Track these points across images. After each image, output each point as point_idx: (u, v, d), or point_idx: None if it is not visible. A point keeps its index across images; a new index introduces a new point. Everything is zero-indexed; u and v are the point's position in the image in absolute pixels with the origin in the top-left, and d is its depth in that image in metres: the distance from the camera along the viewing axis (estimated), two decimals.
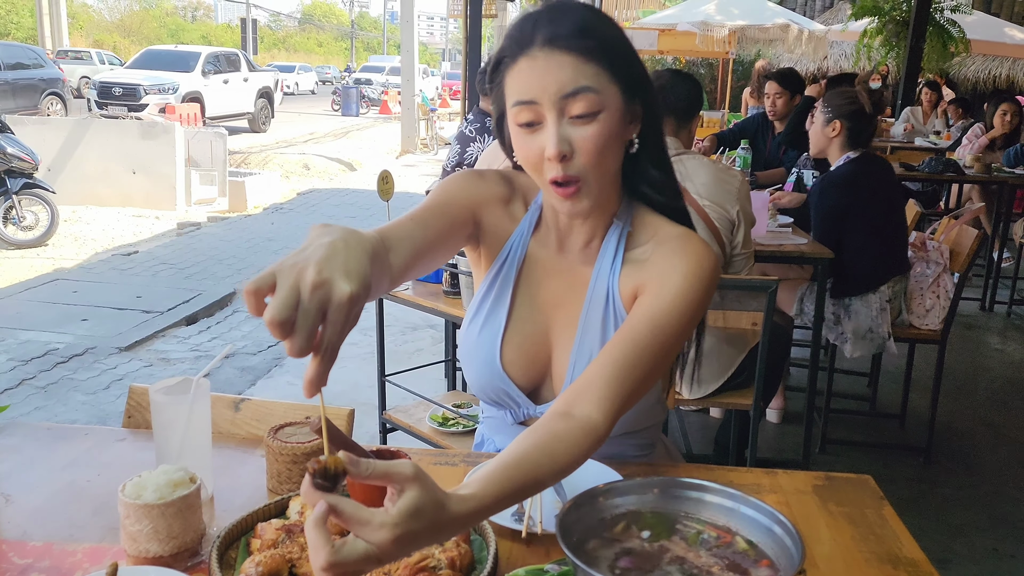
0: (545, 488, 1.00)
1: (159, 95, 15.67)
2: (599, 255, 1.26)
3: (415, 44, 16.50)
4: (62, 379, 4.19)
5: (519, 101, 1.13)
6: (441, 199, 1.24)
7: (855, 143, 3.29)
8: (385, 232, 1.08)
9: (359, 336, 4.84)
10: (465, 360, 1.34)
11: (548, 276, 1.30)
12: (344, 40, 70.04)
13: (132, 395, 1.48)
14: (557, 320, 1.29)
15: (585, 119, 1.11)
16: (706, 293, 1.18)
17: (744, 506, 0.99)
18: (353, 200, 10.17)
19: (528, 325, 1.30)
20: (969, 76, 12.11)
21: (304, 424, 1.25)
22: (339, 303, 0.79)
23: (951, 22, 7.69)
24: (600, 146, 1.12)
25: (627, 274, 1.24)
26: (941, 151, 6.87)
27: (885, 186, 3.33)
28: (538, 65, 1.12)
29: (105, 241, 7.50)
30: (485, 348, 1.30)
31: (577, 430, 1.03)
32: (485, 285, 1.32)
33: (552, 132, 1.11)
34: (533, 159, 1.15)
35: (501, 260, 1.31)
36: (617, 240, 1.25)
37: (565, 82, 1.10)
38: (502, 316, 1.30)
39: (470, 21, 6.72)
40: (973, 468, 3.43)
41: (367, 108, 25.39)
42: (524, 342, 1.30)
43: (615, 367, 1.09)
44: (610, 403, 1.07)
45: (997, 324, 5.47)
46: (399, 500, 0.79)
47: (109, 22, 55.47)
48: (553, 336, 1.30)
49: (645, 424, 1.37)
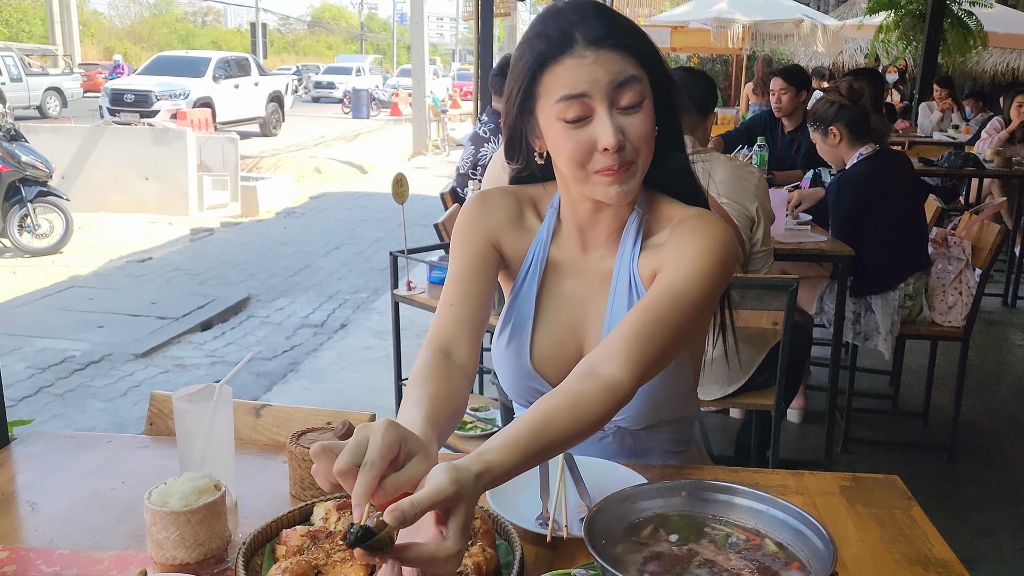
0: (567, 448, 1.03)
1: (170, 101, 15.77)
2: (620, 244, 1.29)
3: (425, 45, 16.51)
4: (80, 386, 4.21)
5: (567, 96, 1.15)
6: (465, 260, 1.30)
7: (861, 137, 3.27)
8: (437, 339, 1.22)
9: (374, 340, 4.85)
10: (498, 367, 1.39)
11: (571, 276, 1.33)
12: (354, 42, 70.24)
13: (153, 402, 1.48)
14: (585, 315, 1.32)
15: (633, 109, 1.16)
16: (722, 265, 1.20)
17: (773, 508, 0.98)
18: (365, 203, 10.19)
19: (556, 324, 1.33)
20: (987, 69, 12.00)
21: (326, 429, 1.25)
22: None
23: (968, 14, 7.62)
24: (648, 133, 1.18)
25: (646, 258, 1.27)
26: (960, 145, 6.81)
27: (903, 182, 3.30)
28: (587, 62, 1.15)
29: (119, 248, 7.55)
30: (515, 351, 1.34)
31: (601, 388, 1.06)
32: (511, 297, 1.36)
33: (607, 123, 1.14)
34: (581, 153, 1.17)
35: (524, 271, 1.34)
36: (636, 228, 1.28)
37: (616, 74, 1.15)
38: (529, 319, 1.33)
39: (482, 21, 6.72)
40: (998, 466, 3.40)
41: (378, 110, 25.46)
42: (553, 341, 1.33)
43: (635, 331, 1.12)
44: (633, 364, 1.09)
45: (1020, 320, 5.42)
46: (451, 523, 0.81)
47: (120, 29, 55.85)
48: (582, 331, 1.33)
49: (679, 414, 1.38)
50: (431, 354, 1.20)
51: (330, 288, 6.21)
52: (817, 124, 3.32)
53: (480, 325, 1.26)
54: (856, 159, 3.26)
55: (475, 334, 1.24)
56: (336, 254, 7.45)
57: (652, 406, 1.31)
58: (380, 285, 6.21)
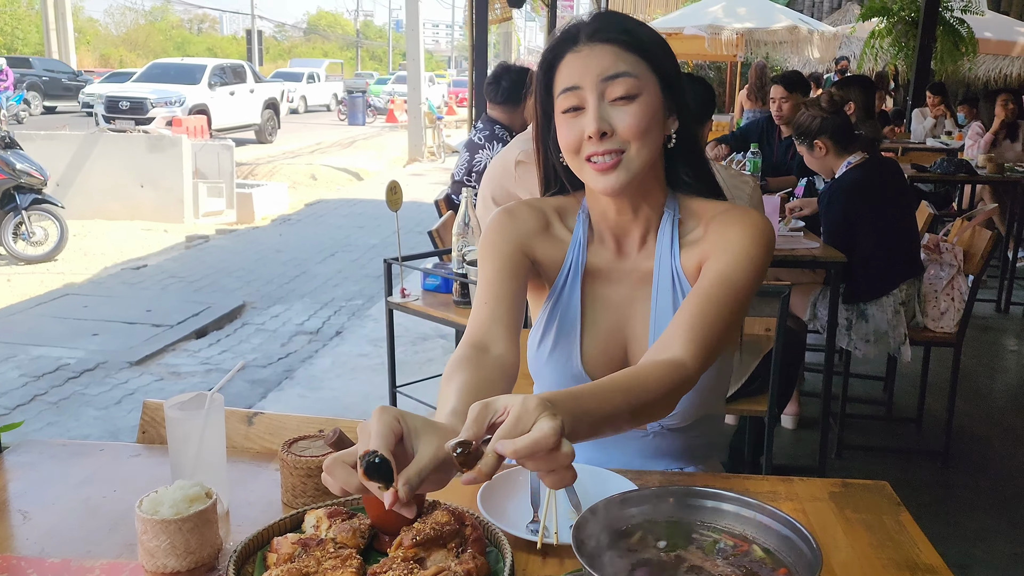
0: (624, 425, 1.05)
1: (166, 108, 15.77)
2: (657, 246, 1.32)
3: (420, 52, 16.55)
4: (74, 394, 4.20)
5: (563, 89, 1.23)
6: (496, 264, 1.31)
7: (847, 146, 3.30)
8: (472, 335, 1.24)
9: (369, 348, 4.85)
10: (541, 375, 1.40)
11: (612, 281, 1.36)
12: (350, 49, 70.29)
13: (146, 410, 1.48)
14: (628, 316, 1.35)
15: (625, 100, 1.20)
16: (765, 250, 1.26)
17: (761, 514, 0.99)
18: (361, 210, 10.20)
19: (601, 327, 1.36)
20: (980, 75, 12.07)
21: (318, 437, 1.25)
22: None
23: (960, 21, 7.66)
24: (640, 124, 1.20)
25: (687, 255, 1.31)
26: (953, 152, 6.84)
27: (894, 189, 3.31)
28: (582, 55, 1.23)
29: (114, 255, 7.54)
30: (563, 356, 1.35)
31: (665, 365, 1.11)
32: (550, 306, 1.36)
33: (592, 111, 1.20)
34: (574, 142, 1.23)
35: (562, 279, 1.35)
36: (671, 228, 1.32)
37: (606, 67, 1.21)
38: (575, 323, 1.35)
39: (476, 28, 6.74)
40: (991, 472, 3.41)
41: (373, 117, 25.46)
42: (600, 343, 1.35)
43: (692, 317, 1.17)
44: (695, 346, 1.14)
45: (1013, 325, 5.43)
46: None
47: (115, 36, 55.85)
48: (626, 332, 1.36)
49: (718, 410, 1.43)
50: (464, 349, 1.22)
51: (325, 295, 6.21)
52: (802, 139, 3.36)
53: (516, 322, 1.28)
54: (845, 167, 3.29)
55: (512, 330, 1.26)
56: (332, 261, 7.45)
57: (700, 398, 1.33)
58: (376, 292, 6.21)
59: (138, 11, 59.43)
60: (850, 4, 14.62)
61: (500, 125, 3.81)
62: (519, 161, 3.08)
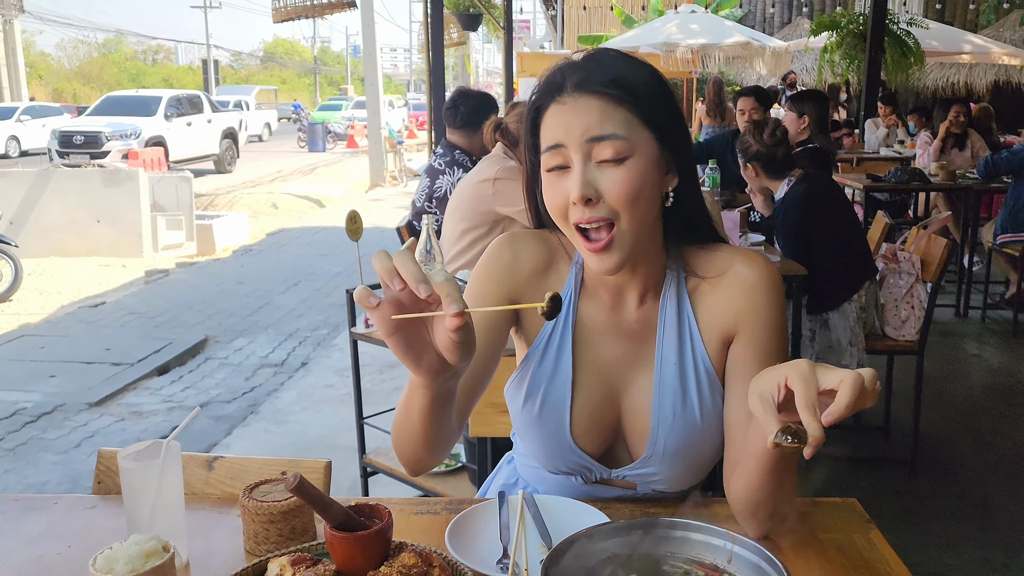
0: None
1: (121, 141, 15.59)
2: (660, 309, 1.23)
3: (379, 77, 16.57)
4: (31, 439, 4.09)
5: (548, 147, 1.12)
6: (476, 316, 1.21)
7: (778, 173, 3.39)
8: None
9: (335, 378, 4.80)
10: (527, 438, 1.29)
11: (607, 337, 1.25)
12: (308, 76, 70.17)
13: (101, 459, 1.43)
14: (626, 381, 1.25)
15: (613, 163, 1.09)
16: (784, 299, 1.23)
17: (730, 543, 0.98)
18: (324, 238, 10.13)
19: (596, 393, 1.25)
20: (929, 84, 12.35)
21: (279, 480, 1.22)
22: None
23: (906, 32, 7.84)
24: (630, 190, 1.09)
25: (703, 316, 1.22)
26: (906, 160, 6.97)
27: (833, 197, 3.42)
28: (566, 109, 1.11)
29: (71, 293, 7.40)
30: (551, 424, 1.25)
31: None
32: (536, 357, 1.26)
33: (577, 174, 1.09)
34: (560, 205, 1.12)
35: (548, 330, 1.25)
36: (676, 289, 1.23)
37: (591, 125, 1.09)
38: (566, 388, 1.24)
39: (432, 52, 6.75)
40: (960, 477, 3.44)
41: (334, 143, 25.41)
42: (594, 411, 1.25)
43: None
44: None
45: (973, 329, 5.52)
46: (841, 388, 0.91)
47: (68, 70, 55.24)
48: (623, 398, 1.26)
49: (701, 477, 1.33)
50: None
51: (290, 326, 6.14)
52: (740, 155, 3.46)
53: (478, 391, 1.23)
54: (787, 185, 3.38)
55: (470, 399, 1.22)
56: (295, 291, 7.38)
57: (702, 469, 1.28)
58: (340, 321, 6.15)
59: (91, 44, 58.86)
60: (800, 19, 14.90)
61: (460, 150, 3.80)
62: (497, 178, 3.07)
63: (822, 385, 0.92)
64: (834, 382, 0.91)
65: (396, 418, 1.18)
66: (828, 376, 0.92)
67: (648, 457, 1.24)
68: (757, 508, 1.13)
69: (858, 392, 0.90)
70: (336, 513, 1.01)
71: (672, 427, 1.21)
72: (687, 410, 1.21)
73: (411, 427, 1.11)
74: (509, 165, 3.09)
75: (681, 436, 1.21)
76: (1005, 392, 4.42)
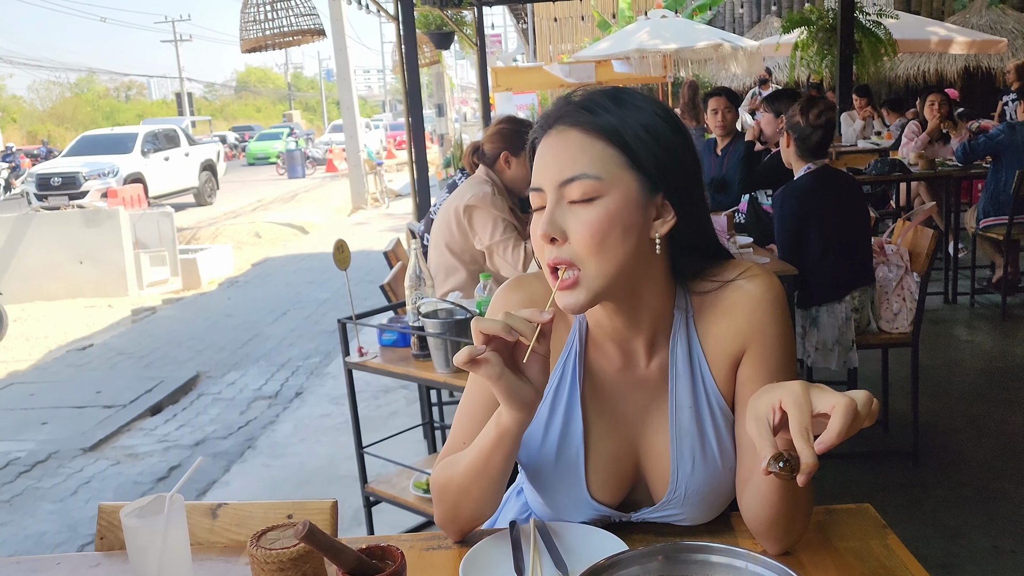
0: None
1: (99, 180, 15.49)
2: (671, 354, 1.20)
3: (354, 100, 16.56)
4: (27, 489, 4.03)
5: (531, 189, 1.13)
6: (483, 387, 1.22)
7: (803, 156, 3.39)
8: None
9: (331, 407, 4.76)
10: (542, 489, 1.25)
11: (618, 386, 1.22)
12: (283, 103, 70.13)
13: (102, 514, 1.40)
14: (641, 428, 1.23)
15: (581, 204, 1.06)
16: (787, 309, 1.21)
17: (751, 563, 0.97)
18: (309, 265, 10.08)
19: (611, 444, 1.22)
20: (900, 75, 12.46)
21: (288, 526, 1.20)
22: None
23: (876, 24, 7.90)
24: (596, 232, 1.05)
25: (711, 349, 1.19)
26: (885, 151, 7.01)
27: (846, 198, 3.39)
28: (549, 146, 1.11)
29: (58, 337, 7.31)
30: (567, 479, 1.22)
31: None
32: (545, 409, 1.22)
33: (546, 213, 1.08)
34: (536, 245, 1.11)
35: (556, 380, 1.22)
36: (685, 330, 1.19)
37: (564, 167, 1.07)
38: (578, 442, 1.21)
39: (407, 72, 6.74)
40: (962, 466, 3.44)
41: (313, 168, 25.38)
42: (610, 463, 1.22)
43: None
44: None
45: (963, 315, 5.54)
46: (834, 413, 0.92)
47: (42, 112, 55.03)
48: (641, 445, 1.23)
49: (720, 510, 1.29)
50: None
51: (281, 356, 6.10)
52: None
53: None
54: (804, 171, 3.39)
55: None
56: (284, 320, 7.34)
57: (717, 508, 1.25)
58: (332, 348, 6.12)
59: (63, 84, 58.72)
60: (769, 17, 15.02)
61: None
62: (468, 206, 3.06)
63: (816, 408, 0.92)
64: (827, 406, 0.91)
65: (461, 483, 1.17)
66: (822, 400, 0.92)
67: (668, 501, 1.22)
68: (772, 525, 1.13)
69: (851, 419, 0.90)
70: (348, 559, 0.99)
71: (692, 473, 1.19)
72: (707, 455, 1.19)
73: (488, 481, 1.15)
74: (484, 192, 3.07)
75: (702, 480, 1.20)
76: (1000, 376, 4.43)
